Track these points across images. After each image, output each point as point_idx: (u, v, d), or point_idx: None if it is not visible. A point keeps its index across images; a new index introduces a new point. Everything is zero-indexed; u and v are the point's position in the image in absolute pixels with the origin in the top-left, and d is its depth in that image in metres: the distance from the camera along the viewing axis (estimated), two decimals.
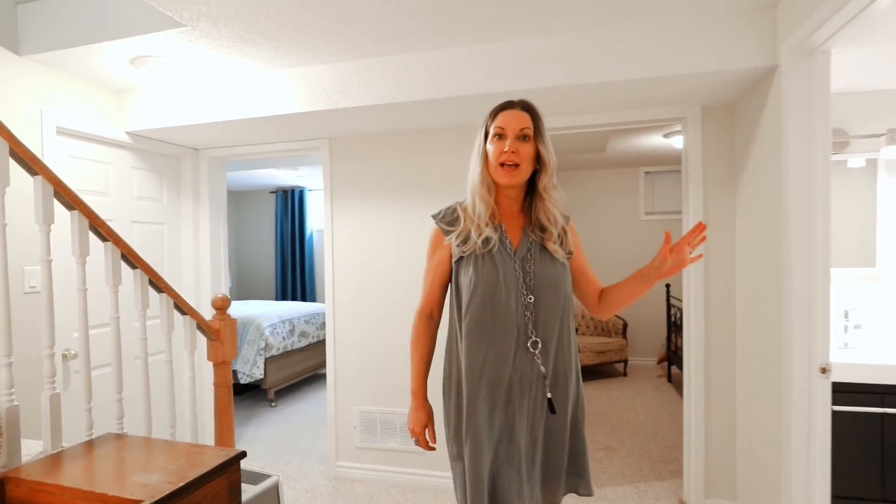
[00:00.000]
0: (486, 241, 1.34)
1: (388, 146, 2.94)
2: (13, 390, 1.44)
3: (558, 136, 2.62)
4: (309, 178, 6.23)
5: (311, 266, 6.95)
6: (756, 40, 1.97)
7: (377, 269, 2.97)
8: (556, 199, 1.39)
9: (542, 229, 1.38)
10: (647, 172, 5.69)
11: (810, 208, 1.79)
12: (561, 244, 1.39)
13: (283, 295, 6.96)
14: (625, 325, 5.38)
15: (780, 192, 1.91)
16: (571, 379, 1.38)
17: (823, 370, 1.79)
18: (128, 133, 2.80)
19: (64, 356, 2.41)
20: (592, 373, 5.30)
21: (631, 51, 2.10)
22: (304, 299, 6.87)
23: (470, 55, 2.28)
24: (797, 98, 1.81)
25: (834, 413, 1.94)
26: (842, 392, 2.03)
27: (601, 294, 1.47)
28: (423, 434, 1.46)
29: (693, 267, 2.52)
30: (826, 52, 1.75)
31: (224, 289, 3.36)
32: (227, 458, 1.36)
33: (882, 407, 2.03)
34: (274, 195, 7.11)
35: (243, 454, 1.42)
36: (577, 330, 5.39)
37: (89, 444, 1.52)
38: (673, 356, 4.70)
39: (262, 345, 4.39)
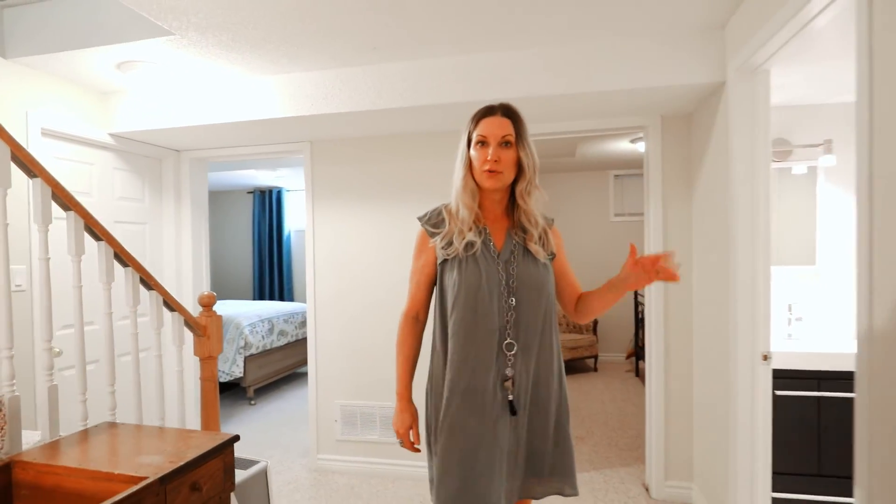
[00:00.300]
0: (469, 245, 1.36)
1: (369, 150, 3.06)
2: (14, 381, 1.51)
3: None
4: (287, 179, 6.27)
5: (290, 266, 6.99)
6: (708, 58, 2.16)
7: (357, 269, 3.08)
8: (537, 200, 1.41)
9: (524, 231, 1.40)
10: (616, 175, 5.93)
11: (753, 211, 1.99)
12: (543, 245, 1.41)
13: (260, 295, 6.97)
14: (595, 322, 5.60)
15: (727, 196, 2.10)
16: (553, 380, 1.39)
17: (765, 357, 1.99)
18: (111, 135, 2.85)
19: None
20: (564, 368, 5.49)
21: (597, 65, 2.27)
22: (281, 299, 6.90)
23: (446, 66, 2.42)
24: (741, 112, 2.00)
25: (776, 397, 2.15)
26: (784, 378, 2.24)
27: (578, 299, 1.49)
28: (407, 435, 1.45)
29: None
30: (766, 71, 1.95)
31: (206, 288, 3.42)
32: (223, 440, 1.47)
33: (819, 391, 2.25)
34: (251, 195, 7.12)
35: (237, 437, 1.52)
36: None
37: (86, 432, 1.61)
38: (640, 351, 4.92)
39: (242, 343, 4.45)
